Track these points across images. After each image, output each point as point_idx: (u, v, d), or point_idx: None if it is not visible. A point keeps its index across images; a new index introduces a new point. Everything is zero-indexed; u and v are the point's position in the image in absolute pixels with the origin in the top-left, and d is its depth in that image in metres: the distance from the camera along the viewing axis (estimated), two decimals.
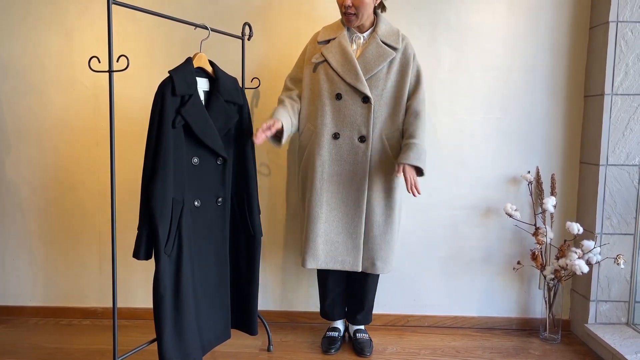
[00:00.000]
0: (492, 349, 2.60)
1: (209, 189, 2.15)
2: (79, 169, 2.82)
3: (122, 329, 2.72)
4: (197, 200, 2.11)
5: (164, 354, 1.95)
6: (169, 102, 1.96)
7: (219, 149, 2.12)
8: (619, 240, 2.60)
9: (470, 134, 2.75)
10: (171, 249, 1.97)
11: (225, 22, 2.69)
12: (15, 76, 2.78)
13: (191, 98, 2.01)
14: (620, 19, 2.51)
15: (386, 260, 2.37)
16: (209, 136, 2.07)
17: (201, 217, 2.13)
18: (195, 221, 2.10)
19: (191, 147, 2.06)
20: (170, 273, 1.98)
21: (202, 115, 2.04)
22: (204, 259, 2.16)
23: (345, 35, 2.29)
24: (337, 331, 2.59)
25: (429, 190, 2.78)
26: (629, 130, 2.56)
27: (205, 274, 2.17)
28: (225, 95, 2.16)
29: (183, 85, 1.99)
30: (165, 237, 1.94)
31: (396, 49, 2.28)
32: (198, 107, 2.03)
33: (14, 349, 2.52)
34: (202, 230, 2.14)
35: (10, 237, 2.88)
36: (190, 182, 2.07)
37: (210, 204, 2.16)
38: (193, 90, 2.02)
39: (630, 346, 2.39)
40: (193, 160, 2.08)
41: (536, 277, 2.80)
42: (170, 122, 1.96)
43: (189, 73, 2.03)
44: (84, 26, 2.74)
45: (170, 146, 1.96)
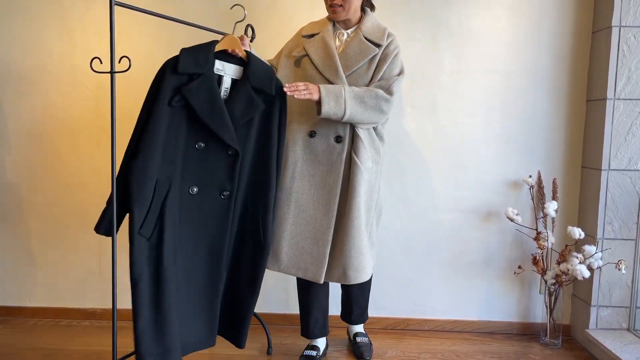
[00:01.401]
0: (493, 353, 2.59)
1: (212, 178, 1.99)
2: (80, 170, 2.82)
3: (121, 330, 2.71)
4: (195, 187, 1.97)
5: (139, 346, 1.81)
6: (168, 79, 1.89)
7: (229, 138, 1.95)
8: (620, 246, 2.60)
9: (471, 137, 2.75)
10: (151, 232, 1.85)
11: (227, 23, 2.68)
12: (16, 77, 2.78)
13: (199, 77, 1.90)
14: (623, 24, 2.50)
15: (358, 268, 2.20)
16: (215, 121, 1.92)
17: (197, 206, 1.98)
18: (187, 209, 1.96)
19: (196, 131, 1.94)
20: (148, 258, 1.85)
21: (210, 97, 1.91)
22: (191, 251, 1.99)
23: (329, 31, 2.22)
24: (316, 350, 2.44)
25: (429, 193, 2.78)
26: (631, 135, 2.55)
27: (190, 268, 2.00)
28: (253, 82, 1.99)
29: (189, 63, 1.89)
30: (141, 218, 1.83)
31: (380, 46, 2.18)
32: (206, 88, 1.91)
33: (13, 349, 2.52)
34: (194, 220, 1.98)
35: (10, 237, 2.87)
36: (189, 167, 1.95)
37: (211, 195, 1.99)
38: (203, 70, 1.91)
39: (631, 352, 2.38)
40: (198, 145, 1.95)
41: (537, 281, 2.79)
42: (165, 99, 1.88)
43: (204, 52, 1.93)
44: (86, 27, 2.74)
45: (160, 125, 1.86)
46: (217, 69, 1.98)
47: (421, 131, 2.75)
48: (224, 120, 1.93)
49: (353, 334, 2.58)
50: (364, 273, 2.23)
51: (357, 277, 2.21)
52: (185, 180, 1.95)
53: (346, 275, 2.20)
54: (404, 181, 2.76)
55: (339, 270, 2.21)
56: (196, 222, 1.99)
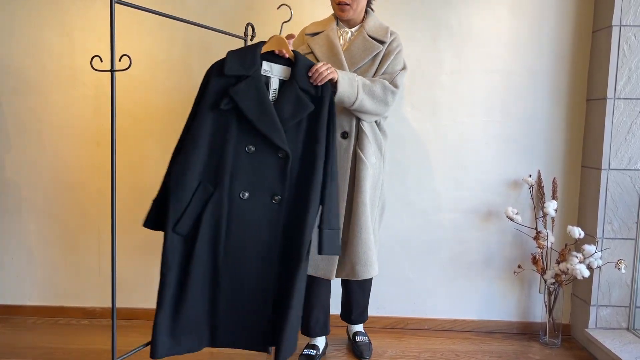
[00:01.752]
0: (492, 352, 2.59)
1: (263, 183, 1.94)
2: (80, 169, 2.81)
3: (121, 329, 2.71)
4: (246, 192, 1.94)
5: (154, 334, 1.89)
6: (214, 82, 1.90)
7: (278, 140, 1.90)
8: (620, 245, 2.60)
9: (472, 137, 2.75)
10: (187, 232, 1.89)
11: (228, 22, 2.68)
12: (16, 76, 2.77)
13: (247, 79, 1.89)
14: (624, 23, 2.50)
15: (366, 263, 2.23)
16: (264, 123, 1.89)
17: (248, 211, 1.94)
18: (237, 213, 1.94)
19: (246, 134, 1.91)
20: (179, 254, 1.90)
21: (257, 98, 1.89)
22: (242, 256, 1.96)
23: (333, 29, 2.26)
24: (315, 349, 2.44)
25: (429, 193, 2.77)
26: (631, 134, 2.55)
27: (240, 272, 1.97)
28: (301, 82, 1.96)
29: (236, 65, 1.90)
30: (176, 217, 1.88)
31: (383, 43, 2.23)
32: (253, 90, 1.90)
33: (12, 348, 2.51)
34: (245, 225, 1.95)
35: (10, 236, 2.87)
36: (240, 171, 1.93)
37: (263, 200, 1.95)
38: (250, 72, 1.90)
39: (631, 351, 2.38)
40: (248, 149, 1.92)
41: (537, 281, 2.79)
42: (210, 102, 1.89)
43: (250, 54, 1.93)
44: (86, 26, 2.73)
45: (204, 128, 1.88)
46: (264, 70, 1.97)
47: (421, 131, 2.75)
48: (274, 121, 1.90)
49: (352, 333, 2.58)
50: (372, 268, 2.26)
51: (366, 272, 2.25)
52: (235, 185, 1.93)
53: (355, 271, 2.23)
54: (404, 181, 2.75)
55: (348, 266, 2.24)
56: (247, 227, 1.96)
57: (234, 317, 2.00)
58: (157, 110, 2.77)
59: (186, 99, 2.76)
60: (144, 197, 2.82)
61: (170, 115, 2.77)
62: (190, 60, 2.74)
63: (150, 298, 2.87)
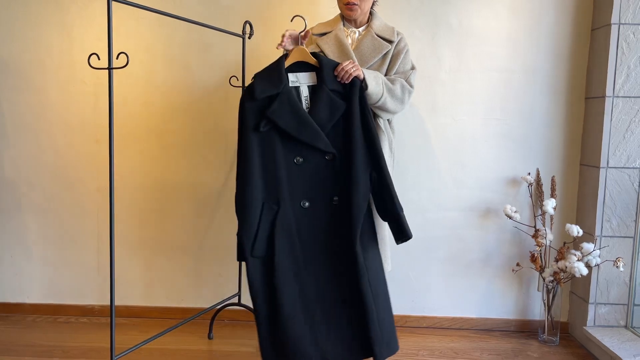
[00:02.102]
0: (491, 350, 2.60)
1: (320, 188, 2.01)
2: (78, 167, 2.81)
3: (119, 327, 2.72)
4: (306, 201, 2.01)
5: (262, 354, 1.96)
6: (249, 108, 1.97)
7: (322, 145, 1.97)
8: (618, 243, 2.60)
9: (471, 135, 2.75)
10: (264, 252, 1.96)
11: (226, 20, 2.68)
12: (15, 74, 2.77)
13: (278, 97, 1.96)
14: (623, 21, 2.50)
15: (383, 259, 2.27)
16: (305, 133, 1.96)
17: (313, 219, 2.01)
18: (304, 224, 2.00)
19: (292, 147, 1.99)
20: (262, 275, 1.96)
21: (292, 112, 1.96)
22: (319, 266, 2.00)
23: (341, 29, 2.28)
24: None
25: (428, 191, 2.78)
26: (629, 132, 2.55)
27: (322, 281, 2.00)
28: (329, 84, 2.01)
29: (264, 86, 1.96)
30: (250, 241, 1.94)
31: (391, 42, 2.26)
32: (287, 105, 1.96)
33: (12, 346, 2.51)
34: (315, 234, 2.01)
35: (8, 234, 2.87)
36: (296, 183, 2.00)
37: (324, 205, 2.01)
38: (279, 89, 1.96)
39: (629, 349, 2.39)
40: (296, 160, 2.00)
41: (535, 279, 2.79)
42: (251, 127, 1.96)
43: (275, 72, 1.99)
44: (84, 24, 2.73)
45: (251, 152, 1.96)
46: (292, 82, 2.03)
47: (420, 129, 2.75)
48: (314, 129, 1.96)
49: None
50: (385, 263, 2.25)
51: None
52: (294, 197, 2.00)
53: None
54: (403, 179, 2.75)
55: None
56: (316, 233, 2.01)
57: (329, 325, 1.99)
58: (156, 107, 2.77)
59: (185, 97, 2.77)
60: (143, 195, 2.84)
61: (169, 113, 2.77)
62: (189, 58, 2.74)
63: (148, 296, 2.89)
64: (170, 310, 2.87)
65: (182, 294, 2.88)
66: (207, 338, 2.65)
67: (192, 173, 2.80)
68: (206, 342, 2.61)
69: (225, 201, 2.81)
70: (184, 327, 2.67)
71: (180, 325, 2.44)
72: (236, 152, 2.68)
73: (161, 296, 2.88)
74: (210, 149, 2.79)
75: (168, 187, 2.81)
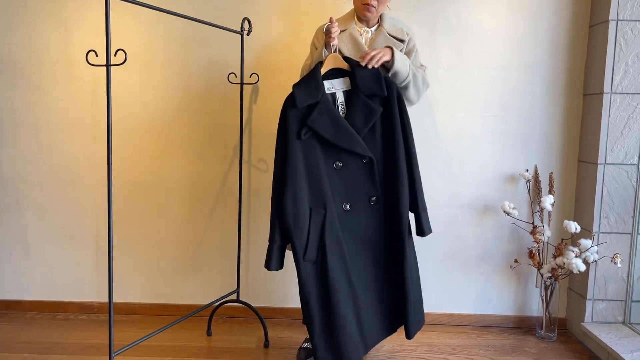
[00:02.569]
0: (489, 346, 2.61)
1: (358, 190, 2.12)
2: (76, 164, 2.81)
3: (118, 324, 2.72)
4: (347, 203, 2.12)
5: (316, 355, 2.05)
6: (292, 116, 2.06)
7: (360, 149, 2.07)
8: (616, 239, 2.60)
9: (469, 132, 2.75)
10: (315, 256, 2.05)
11: (224, 17, 2.68)
12: (13, 71, 2.77)
13: (317, 106, 2.05)
14: (620, 18, 2.50)
15: None
16: (343, 139, 2.05)
17: (354, 220, 2.13)
18: (346, 225, 2.12)
19: (331, 153, 2.09)
20: (314, 279, 2.05)
21: (331, 120, 2.05)
22: (360, 262, 2.14)
23: (355, 28, 2.30)
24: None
25: (426, 188, 2.76)
26: (627, 129, 2.56)
27: (364, 276, 2.15)
28: (364, 90, 2.09)
29: (304, 95, 2.05)
30: (302, 247, 2.03)
31: (403, 41, 2.30)
32: (325, 113, 2.05)
33: (11, 343, 2.52)
34: (356, 233, 2.14)
35: (7, 231, 2.87)
36: (336, 187, 2.10)
37: (363, 206, 2.14)
38: (318, 98, 2.05)
39: (626, 345, 2.40)
40: (335, 165, 2.09)
41: (533, 275, 2.80)
42: (294, 134, 2.05)
43: (312, 81, 2.07)
44: (82, 21, 2.73)
45: (297, 159, 2.05)
46: (328, 89, 2.11)
47: (419, 126, 2.74)
48: (351, 135, 2.06)
49: None
50: None
51: None
52: (336, 200, 2.11)
53: None
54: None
55: None
56: (358, 234, 2.14)
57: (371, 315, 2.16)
58: (154, 104, 2.76)
59: (183, 94, 2.77)
60: (142, 192, 2.84)
61: (167, 110, 2.77)
62: (187, 55, 2.74)
63: (147, 293, 2.89)
64: (169, 307, 2.87)
65: (180, 291, 2.88)
66: (206, 335, 2.66)
67: (190, 170, 2.81)
68: (205, 339, 2.62)
69: (224, 198, 2.81)
70: (182, 324, 2.68)
71: (178, 321, 2.44)
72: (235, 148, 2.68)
73: (160, 293, 2.88)
74: (209, 145, 2.79)
75: (167, 184, 2.81)
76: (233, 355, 2.44)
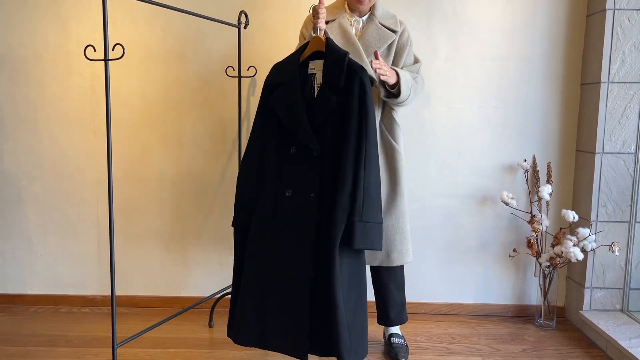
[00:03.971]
0: (488, 335, 2.63)
1: (303, 181, 2.01)
2: (77, 158, 2.83)
3: (121, 316, 2.75)
4: (290, 190, 2.01)
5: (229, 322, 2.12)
6: (264, 92, 2.08)
7: (305, 139, 1.96)
8: (614, 228, 2.62)
9: (467, 123, 2.76)
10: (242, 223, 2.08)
11: (222, 11, 2.68)
12: (12, 66, 2.78)
13: (282, 85, 2.02)
14: (618, 7, 2.50)
15: (402, 251, 2.26)
16: (293, 125, 1.98)
17: (290, 207, 2.00)
18: (282, 209, 2.01)
19: (287, 136, 2.03)
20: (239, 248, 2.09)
21: (289, 103, 1.98)
22: (284, 251, 2.01)
23: (345, 17, 2.22)
24: None
25: (425, 179, 2.79)
26: (625, 118, 2.56)
27: (282, 267, 2.00)
28: (327, 77, 1.97)
29: (275, 75, 2.05)
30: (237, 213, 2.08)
31: (396, 32, 2.22)
32: (287, 95, 1.99)
33: (14, 336, 2.54)
34: (288, 221, 2.01)
35: (9, 226, 2.89)
36: (285, 171, 2.04)
37: (304, 199, 1.99)
38: (285, 79, 2.01)
39: (624, 332, 2.41)
40: (291, 149, 2.03)
41: (532, 264, 2.82)
42: (259, 110, 2.08)
43: (290, 60, 2.05)
44: (81, 16, 2.73)
45: (256, 133, 2.08)
46: (310, 70, 2.06)
47: (416, 117, 2.76)
48: (300, 123, 1.97)
49: (388, 334, 2.44)
50: (407, 255, 2.30)
51: (400, 259, 2.28)
52: (281, 183, 2.04)
53: (390, 258, 2.27)
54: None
55: (382, 253, 2.26)
56: (291, 224, 2.01)
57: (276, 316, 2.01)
58: (152, 98, 2.77)
59: (181, 88, 2.78)
60: (142, 185, 2.86)
61: (166, 104, 2.78)
62: (185, 49, 2.74)
63: (149, 285, 2.92)
64: (170, 300, 2.90)
65: (182, 284, 2.90)
66: (208, 326, 2.68)
67: (190, 163, 2.82)
68: (207, 330, 2.64)
69: (224, 191, 2.83)
70: (184, 316, 2.70)
71: (180, 313, 2.47)
72: (234, 141, 2.70)
73: (162, 286, 2.90)
74: (208, 139, 2.80)
75: (166, 177, 2.83)
76: (235, 346, 2.46)
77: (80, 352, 2.40)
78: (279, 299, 2.00)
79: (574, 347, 2.51)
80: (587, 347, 2.51)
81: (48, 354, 2.37)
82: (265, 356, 2.38)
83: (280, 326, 2.00)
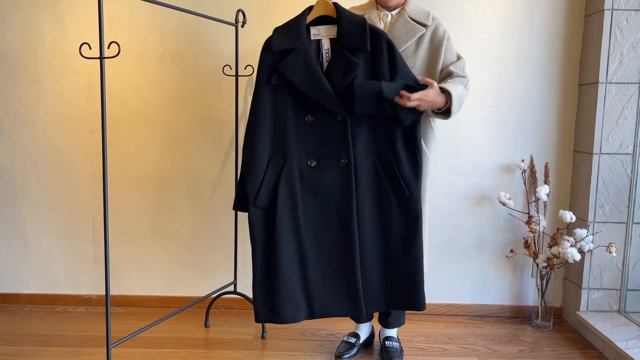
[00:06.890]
0: (485, 336, 2.62)
1: (328, 149, 1.97)
2: (73, 157, 2.81)
3: (116, 316, 2.73)
4: (313, 160, 1.98)
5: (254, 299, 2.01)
6: (265, 59, 1.95)
7: (332, 105, 1.91)
8: (611, 229, 2.62)
9: (465, 122, 2.75)
10: (265, 204, 1.97)
11: (219, 9, 2.67)
12: (8, 65, 2.76)
13: (292, 52, 1.91)
14: (616, 7, 2.50)
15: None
16: (315, 92, 1.90)
17: (318, 178, 1.98)
18: (308, 181, 1.98)
19: (303, 104, 1.95)
20: (261, 224, 1.98)
21: (305, 68, 1.91)
22: (320, 221, 2.01)
23: (374, 12, 2.20)
24: (356, 337, 2.42)
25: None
26: (622, 118, 2.56)
27: (322, 237, 2.01)
28: (346, 42, 1.92)
29: (282, 39, 1.93)
30: (254, 193, 1.96)
31: (426, 26, 2.16)
32: (301, 60, 1.91)
33: (9, 336, 2.53)
34: (317, 191, 1.99)
35: (4, 224, 2.87)
36: (303, 141, 1.98)
37: (331, 165, 1.97)
38: (296, 44, 1.91)
39: (621, 333, 2.41)
40: (307, 118, 1.96)
41: (529, 265, 2.81)
42: (265, 79, 1.95)
43: (294, 25, 1.95)
44: (77, 14, 2.72)
45: (264, 104, 1.95)
46: (314, 35, 1.98)
47: None
48: (324, 87, 1.90)
49: (383, 337, 2.43)
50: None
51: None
52: (302, 155, 1.99)
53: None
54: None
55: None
56: (320, 193, 2.00)
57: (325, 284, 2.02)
58: (149, 97, 2.76)
59: (178, 86, 2.76)
60: (138, 184, 2.84)
61: (162, 102, 2.76)
62: (182, 47, 2.73)
63: (144, 285, 2.91)
64: (166, 299, 2.89)
65: (178, 283, 2.89)
66: (204, 326, 2.67)
67: (186, 162, 2.81)
68: (203, 330, 2.63)
69: (221, 190, 2.82)
70: (180, 316, 2.69)
71: (176, 313, 2.46)
72: (231, 140, 2.69)
73: (157, 285, 2.89)
74: (205, 138, 2.79)
75: (163, 176, 2.81)
76: (231, 346, 2.46)
77: (75, 351, 2.39)
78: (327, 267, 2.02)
79: (570, 348, 2.51)
80: (584, 348, 2.51)
81: (43, 354, 2.36)
82: (262, 356, 2.38)
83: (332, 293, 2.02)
